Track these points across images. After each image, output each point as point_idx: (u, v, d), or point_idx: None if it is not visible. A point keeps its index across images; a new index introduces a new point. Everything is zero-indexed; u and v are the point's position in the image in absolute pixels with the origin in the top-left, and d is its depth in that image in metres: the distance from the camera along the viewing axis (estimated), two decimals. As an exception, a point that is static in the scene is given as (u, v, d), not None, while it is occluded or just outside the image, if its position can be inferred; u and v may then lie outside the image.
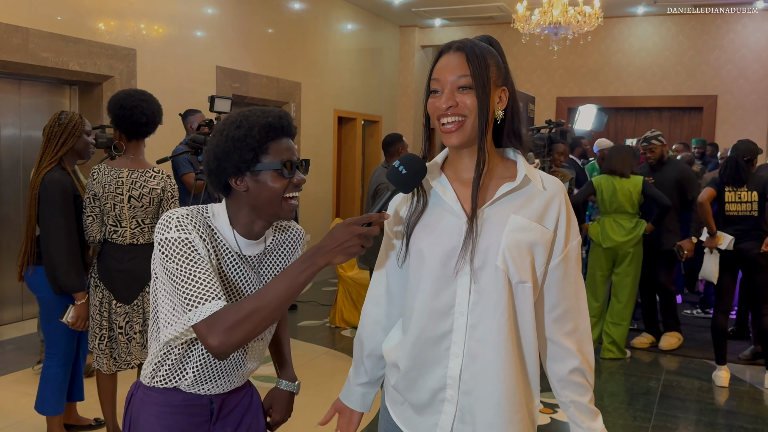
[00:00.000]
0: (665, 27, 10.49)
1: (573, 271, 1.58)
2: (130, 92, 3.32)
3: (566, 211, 1.56)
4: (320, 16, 9.33)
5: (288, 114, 1.65)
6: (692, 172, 5.48)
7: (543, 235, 1.52)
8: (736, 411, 4.47)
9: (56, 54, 5.57)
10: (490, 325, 1.50)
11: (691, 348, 5.71)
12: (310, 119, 9.19)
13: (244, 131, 1.56)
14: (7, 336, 5.62)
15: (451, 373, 1.53)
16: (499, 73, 1.54)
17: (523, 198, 1.54)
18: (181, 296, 1.49)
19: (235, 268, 1.65)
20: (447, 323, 1.53)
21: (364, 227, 1.43)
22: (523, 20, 8.06)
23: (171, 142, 5.71)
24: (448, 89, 1.50)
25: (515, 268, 1.49)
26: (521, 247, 1.49)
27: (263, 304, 1.45)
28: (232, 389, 1.75)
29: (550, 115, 11.18)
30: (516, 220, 1.51)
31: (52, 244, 3.23)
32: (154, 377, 1.67)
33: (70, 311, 3.26)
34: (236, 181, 1.60)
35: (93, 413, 3.92)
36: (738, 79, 10.17)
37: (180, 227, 1.54)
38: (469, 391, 1.53)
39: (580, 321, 1.60)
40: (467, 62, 1.49)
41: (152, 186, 3.27)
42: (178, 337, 1.57)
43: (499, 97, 1.54)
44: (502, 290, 1.49)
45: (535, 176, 1.56)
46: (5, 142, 5.82)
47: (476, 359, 1.51)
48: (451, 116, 1.50)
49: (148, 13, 6.49)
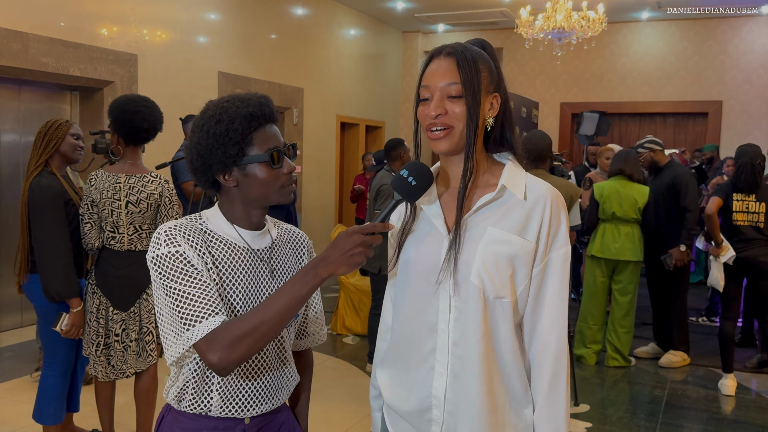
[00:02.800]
0: (669, 32, 10.45)
1: (553, 284, 1.48)
2: (132, 97, 3.30)
3: (550, 219, 1.46)
4: (323, 21, 9.31)
5: (268, 99, 1.59)
6: (687, 178, 5.31)
7: (523, 247, 1.44)
8: (743, 420, 4.41)
9: (57, 59, 5.55)
10: (467, 342, 1.44)
11: (697, 356, 5.64)
12: (313, 125, 9.16)
13: (225, 126, 1.50)
14: (6, 343, 5.58)
15: (436, 393, 1.48)
16: (491, 79, 1.49)
17: (503, 208, 1.47)
18: (177, 316, 1.44)
19: (247, 266, 1.58)
20: (431, 341, 1.48)
21: (367, 236, 1.39)
22: (527, 25, 8.03)
23: (171, 148, 5.68)
24: (437, 96, 1.45)
25: (491, 284, 1.43)
26: (499, 260, 1.43)
27: (265, 319, 1.40)
28: (267, 411, 1.64)
29: (554, 121, 11.15)
30: (493, 233, 1.44)
31: (43, 251, 3.18)
32: (180, 401, 1.59)
33: (64, 319, 3.22)
34: (224, 176, 1.55)
35: (91, 422, 3.88)
36: (743, 84, 10.13)
37: (169, 241, 1.49)
38: (452, 411, 1.47)
39: (552, 337, 1.48)
40: (458, 68, 1.44)
41: (150, 191, 3.23)
42: (181, 359, 1.52)
43: (490, 104, 1.49)
44: (475, 307, 1.43)
45: (516, 185, 1.48)
46: (5, 148, 5.80)
47: (458, 378, 1.46)
48: (440, 125, 1.45)
49: (149, 18, 6.48)
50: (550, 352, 1.49)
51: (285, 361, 1.67)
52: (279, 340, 1.64)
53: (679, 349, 5.45)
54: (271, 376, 1.63)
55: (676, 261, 5.14)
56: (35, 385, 4.50)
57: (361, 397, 4.47)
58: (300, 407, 1.83)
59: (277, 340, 1.64)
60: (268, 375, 1.62)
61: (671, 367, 5.40)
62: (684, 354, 5.46)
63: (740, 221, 4.86)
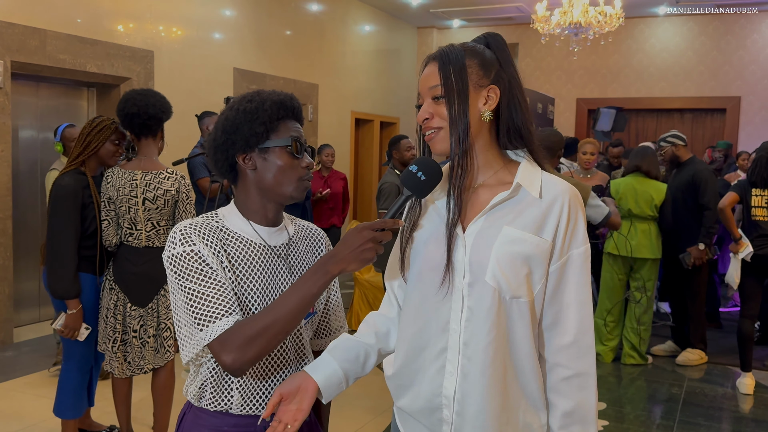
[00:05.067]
0: (687, 27, 10.34)
1: (574, 282, 1.46)
2: (131, 92, 3.30)
3: (568, 217, 1.44)
4: (337, 17, 9.31)
5: (297, 99, 1.63)
6: (707, 175, 5.24)
7: (539, 246, 1.42)
8: (761, 419, 4.36)
9: (74, 56, 5.59)
10: (478, 342, 1.43)
11: (714, 354, 5.59)
12: (328, 121, 9.16)
13: (256, 104, 1.54)
14: (24, 338, 5.63)
15: (446, 393, 1.47)
16: (484, 72, 1.47)
17: (519, 207, 1.45)
18: (192, 316, 1.45)
19: (263, 263, 1.58)
20: (442, 341, 1.47)
21: (377, 232, 1.38)
22: (543, 21, 7.98)
23: (188, 144, 5.70)
24: (426, 101, 1.49)
25: (507, 284, 1.41)
26: (515, 260, 1.41)
27: (277, 318, 1.41)
28: None
29: (570, 117, 11.08)
30: (508, 232, 1.43)
31: (51, 248, 3.19)
32: (201, 398, 1.59)
33: (61, 318, 3.22)
34: (244, 158, 1.56)
35: (109, 418, 3.91)
36: (762, 79, 10.01)
37: (184, 240, 1.49)
38: (460, 412, 1.46)
39: (579, 336, 1.45)
40: (438, 71, 1.47)
41: (166, 187, 3.24)
42: (196, 358, 1.53)
43: (485, 98, 1.47)
44: (490, 307, 1.41)
45: (532, 183, 1.46)
46: (23, 143, 5.84)
47: (467, 378, 1.45)
48: (429, 128, 1.48)
49: (165, 15, 6.50)
50: (576, 349, 1.46)
51: (304, 356, 1.67)
52: (297, 336, 1.64)
53: (697, 347, 5.41)
54: (290, 371, 1.62)
55: (694, 259, 5.10)
56: (53, 379, 4.54)
57: (375, 393, 4.47)
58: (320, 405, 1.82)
59: (296, 336, 1.63)
60: (287, 370, 1.62)
61: (688, 365, 5.36)
62: (701, 352, 5.41)
63: (759, 216, 4.79)
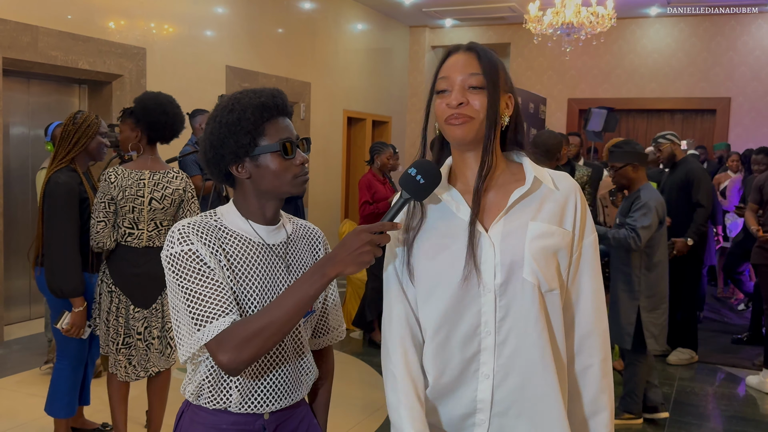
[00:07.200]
0: (678, 28, 10.40)
1: (590, 271, 1.50)
2: (169, 98, 3.29)
3: (582, 207, 1.49)
4: (330, 16, 9.30)
5: (281, 92, 1.59)
6: (701, 173, 5.29)
7: (565, 237, 1.46)
8: (751, 418, 4.39)
9: (66, 52, 5.55)
10: (521, 340, 1.42)
11: (705, 353, 5.62)
12: (320, 119, 9.15)
13: (237, 115, 1.51)
14: (15, 336, 5.59)
15: (482, 396, 1.46)
16: (506, 80, 1.50)
17: (537, 201, 1.47)
18: (189, 315, 1.45)
19: (262, 261, 1.58)
20: (474, 344, 1.45)
21: (375, 235, 1.38)
22: (536, 21, 8.00)
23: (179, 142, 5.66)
24: (458, 87, 1.44)
25: (544, 278, 1.42)
26: (547, 254, 1.43)
27: (273, 319, 1.41)
28: (286, 406, 1.64)
29: (562, 117, 11.11)
30: (536, 227, 1.44)
31: (51, 247, 3.16)
32: (199, 396, 1.59)
33: (66, 317, 3.19)
34: (237, 168, 1.55)
35: (100, 416, 3.89)
36: (752, 81, 10.08)
37: (182, 240, 1.49)
38: (504, 412, 1.46)
39: (597, 324, 1.50)
40: (478, 61, 1.45)
41: (175, 187, 3.22)
42: (193, 357, 1.53)
43: (506, 103, 1.49)
44: (531, 303, 1.42)
45: (544, 176, 1.49)
46: (14, 140, 5.80)
47: (508, 377, 1.44)
48: (460, 115, 1.43)
49: (157, 12, 6.47)
50: (596, 337, 1.51)
51: (302, 353, 1.67)
52: (296, 334, 1.64)
53: (687, 346, 5.45)
54: (288, 369, 1.62)
55: (676, 251, 5.13)
56: (44, 377, 4.51)
57: (369, 391, 4.47)
58: (318, 404, 1.82)
59: (295, 334, 1.63)
60: (285, 367, 1.62)
61: (679, 365, 5.40)
62: (692, 351, 5.45)
63: None
